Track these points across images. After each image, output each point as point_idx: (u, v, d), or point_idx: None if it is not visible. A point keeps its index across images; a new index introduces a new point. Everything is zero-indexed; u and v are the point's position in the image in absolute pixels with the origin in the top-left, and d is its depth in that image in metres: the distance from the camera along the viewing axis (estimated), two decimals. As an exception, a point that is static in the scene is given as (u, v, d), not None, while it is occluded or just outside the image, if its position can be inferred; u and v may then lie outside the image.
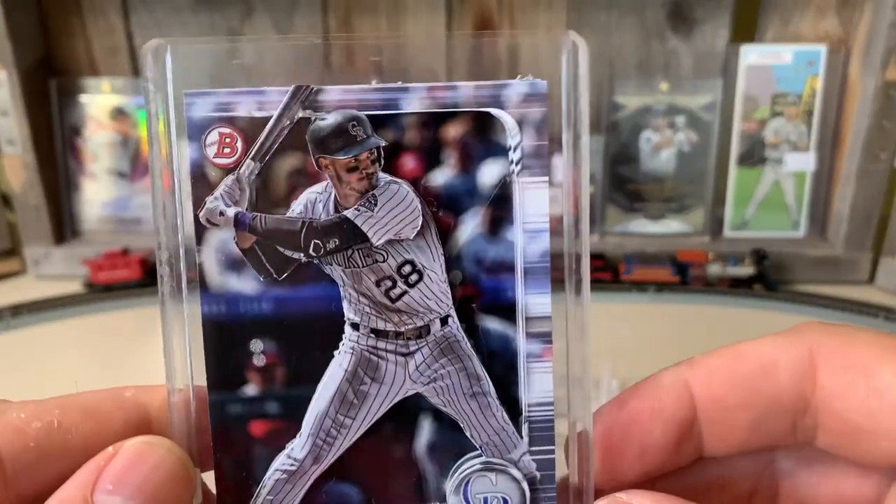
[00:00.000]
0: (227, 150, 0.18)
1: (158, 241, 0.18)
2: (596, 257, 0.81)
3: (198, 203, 0.18)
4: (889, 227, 0.80)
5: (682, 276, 0.78)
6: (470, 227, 0.18)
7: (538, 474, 0.19)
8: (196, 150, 0.18)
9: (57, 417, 0.17)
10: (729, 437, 0.19)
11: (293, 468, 0.18)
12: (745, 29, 0.81)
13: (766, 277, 0.77)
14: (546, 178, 0.18)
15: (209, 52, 0.18)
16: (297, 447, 0.18)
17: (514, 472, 0.19)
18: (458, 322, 0.19)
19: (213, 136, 0.18)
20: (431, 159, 0.18)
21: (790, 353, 0.19)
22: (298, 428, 0.18)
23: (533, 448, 0.19)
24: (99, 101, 0.83)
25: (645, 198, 0.84)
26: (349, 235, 0.18)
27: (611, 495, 0.18)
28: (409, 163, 0.18)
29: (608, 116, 0.82)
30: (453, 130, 0.18)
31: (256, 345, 0.18)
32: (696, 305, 0.75)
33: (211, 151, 0.18)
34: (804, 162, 0.82)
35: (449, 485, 0.19)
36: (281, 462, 0.18)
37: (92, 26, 0.82)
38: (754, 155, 0.83)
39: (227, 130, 0.18)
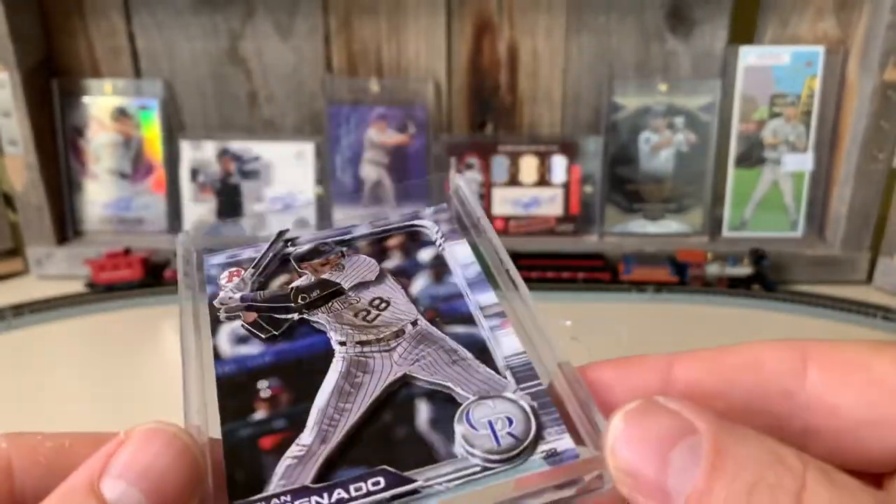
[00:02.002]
0: (234, 278, 0.24)
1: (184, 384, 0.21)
2: (595, 257, 0.81)
3: (213, 297, 0.24)
4: (887, 227, 0.80)
5: (681, 276, 0.78)
6: (421, 281, 0.24)
7: (535, 403, 0.20)
8: (213, 287, 0.24)
9: (69, 441, 0.18)
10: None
11: (302, 453, 0.19)
12: (744, 30, 0.82)
13: (765, 277, 0.78)
14: (464, 240, 0.25)
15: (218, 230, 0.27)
16: (305, 436, 0.20)
17: (510, 396, 0.20)
18: (426, 322, 0.23)
19: (225, 275, 0.25)
20: (382, 256, 0.25)
21: (778, 352, 0.19)
22: (303, 428, 0.20)
23: (521, 385, 0.20)
24: (101, 101, 0.84)
25: (644, 198, 0.84)
26: (326, 286, 0.24)
27: (646, 398, 0.17)
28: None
29: (607, 117, 0.83)
30: (393, 241, 0.26)
31: (263, 384, 0.21)
32: (694, 305, 0.75)
33: (223, 282, 0.24)
34: (802, 162, 0.83)
35: (456, 429, 0.19)
36: (290, 451, 0.19)
37: (94, 27, 0.83)
38: (753, 155, 0.83)
39: (234, 269, 0.25)
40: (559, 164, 0.84)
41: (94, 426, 0.54)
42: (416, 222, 0.26)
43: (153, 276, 0.79)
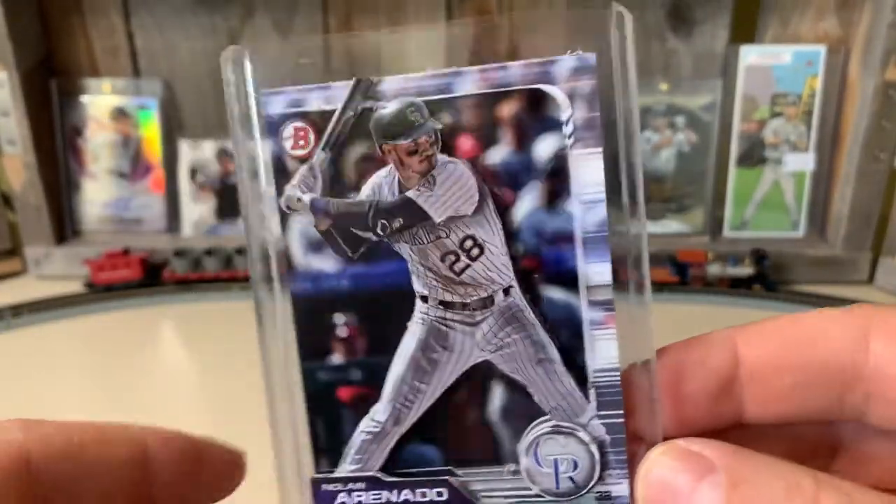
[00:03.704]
0: (301, 143, 0.19)
1: (247, 234, 0.20)
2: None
3: (279, 192, 0.19)
4: (888, 227, 0.80)
5: (682, 276, 0.78)
6: (528, 201, 0.19)
7: (607, 437, 0.19)
8: (275, 144, 0.19)
9: (77, 436, 0.18)
10: (770, 401, 0.19)
11: (377, 430, 0.20)
12: (745, 29, 0.81)
13: (766, 277, 0.77)
14: (599, 150, 0.18)
15: (279, 53, 0.20)
16: (380, 411, 0.20)
17: (583, 434, 0.19)
18: (520, 293, 0.19)
19: (289, 131, 0.19)
20: (487, 138, 0.18)
21: (842, 323, 0.18)
22: (379, 393, 0.20)
23: (601, 412, 0.19)
24: (99, 101, 0.83)
25: (644, 198, 0.84)
26: (412, 214, 0.19)
27: (670, 441, 0.18)
28: (466, 143, 0.19)
29: (608, 116, 0.82)
30: (507, 109, 0.18)
31: (339, 318, 0.20)
32: (695, 305, 0.75)
33: (287, 144, 0.19)
34: (804, 162, 0.83)
35: (520, 447, 0.20)
36: (366, 425, 0.20)
37: (92, 27, 0.82)
38: (754, 155, 0.83)
39: (300, 124, 0.19)
40: (559, 163, 0.83)
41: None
42: (542, 87, 0.18)
43: (152, 277, 0.78)
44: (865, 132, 0.77)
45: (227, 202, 0.85)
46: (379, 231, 0.19)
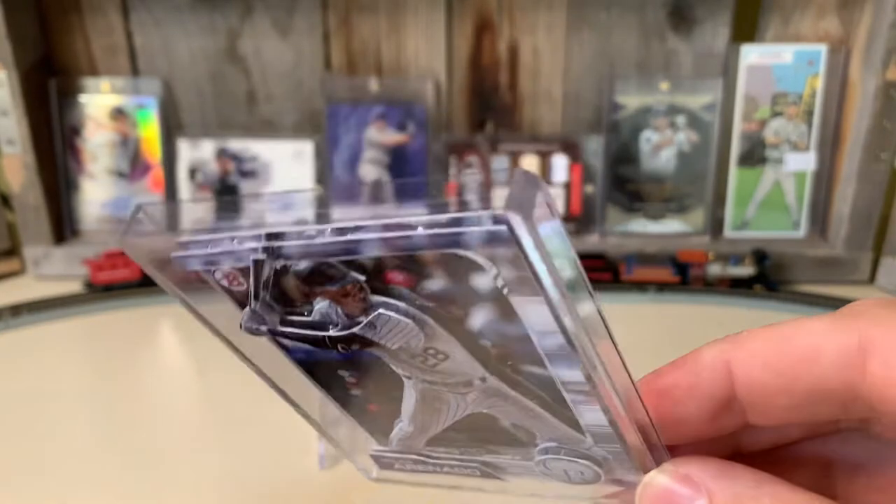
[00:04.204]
0: (237, 282, 0.19)
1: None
2: (596, 257, 0.81)
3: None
4: (890, 227, 0.80)
5: (683, 276, 0.77)
6: (480, 316, 0.17)
7: (610, 456, 0.20)
8: (216, 283, 0.19)
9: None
10: (771, 416, 0.19)
11: (407, 434, 0.23)
12: (746, 29, 0.81)
13: (767, 277, 0.77)
14: (540, 297, 0.15)
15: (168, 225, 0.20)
16: (405, 424, 0.22)
17: (585, 460, 0.21)
18: (497, 380, 0.19)
19: (220, 275, 0.19)
20: (419, 274, 0.17)
21: (836, 340, 0.18)
22: (399, 411, 0.22)
23: (599, 444, 0.20)
24: (98, 100, 0.83)
25: (645, 198, 0.84)
26: (365, 343, 0.19)
27: (662, 467, 0.19)
28: (397, 277, 0.17)
29: (608, 116, 0.82)
30: (428, 257, 0.16)
31: (343, 373, 0.21)
32: (696, 305, 0.75)
33: (226, 283, 0.19)
34: (805, 162, 0.82)
35: (533, 456, 0.22)
36: (398, 429, 0.23)
37: (91, 26, 0.82)
38: (755, 155, 0.83)
39: (227, 270, 0.18)
40: (560, 163, 0.83)
41: (93, 427, 0.53)
42: (458, 251, 0.15)
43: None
44: (867, 132, 0.77)
45: (227, 202, 0.85)
46: (341, 350, 0.19)
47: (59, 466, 0.50)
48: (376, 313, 0.17)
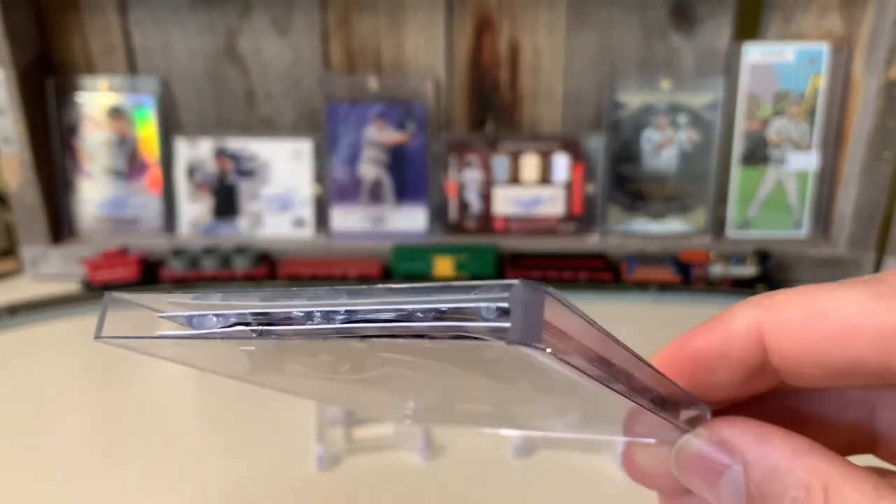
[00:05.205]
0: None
1: None
2: (597, 257, 0.80)
3: None
4: (892, 227, 0.79)
5: (685, 276, 0.77)
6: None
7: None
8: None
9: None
10: (806, 382, 0.19)
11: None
12: (748, 27, 0.81)
13: (769, 277, 0.77)
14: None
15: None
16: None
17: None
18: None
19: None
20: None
21: (875, 319, 0.17)
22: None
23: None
24: (96, 99, 0.83)
25: (647, 197, 0.83)
26: None
27: (694, 431, 0.19)
28: None
29: (609, 115, 0.82)
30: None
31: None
32: (698, 306, 0.74)
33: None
34: (807, 161, 0.82)
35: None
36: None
37: (89, 24, 0.82)
38: (757, 154, 0.82)
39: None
40: (561, 162, 0.83)
41: (91, 427, 0.53)
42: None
43: (149, 276, 0.78)
44: (869, 131, 0.76)
45: (224, 201, 0.84)
46: None
47: (56, 466, 0.50)
48: None
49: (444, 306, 0.13)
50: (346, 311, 0.14)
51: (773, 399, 0.21)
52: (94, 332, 0.18)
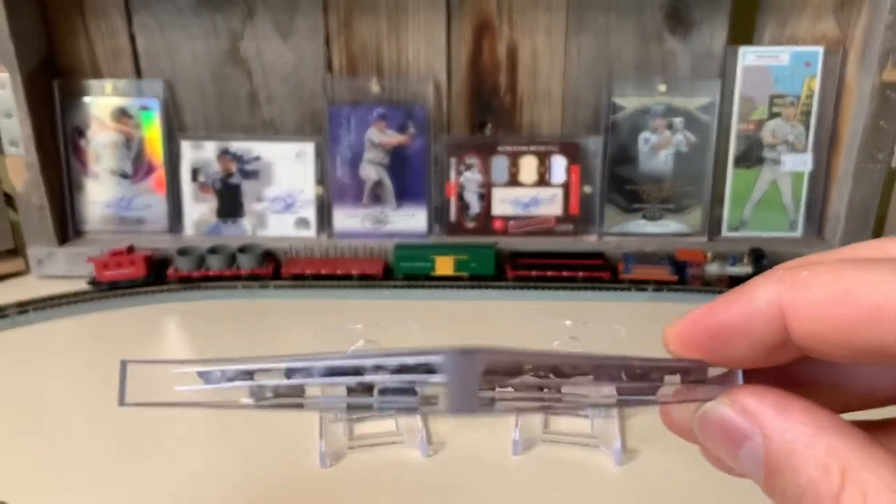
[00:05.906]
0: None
1: None
2: (595, 256, 0.82)
3: None
4: (886, 227, 0.80)
5: (681, 275, 0.78)
6: None
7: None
8: None
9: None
10: (831, 358, 0.18)
11: None
12: (743, 31, 0.82)
13: (764, 277, 0.78)
14: None
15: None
16: None
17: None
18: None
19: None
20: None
21: None
22: None
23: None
24: (101, 102, 0.84)
25: (643, 198, 0.85)
26: None
27: (717, 399, 0.19)
28: None
29: (607, 117, 0.83)
30: None
31: None
32: (694, 304, 0.75)
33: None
34: (802, 162, 0.83)
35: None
36: None
37: (94, 28, 0.83)
38: (752, 155, 0.83)
39: None
40: (559, 164, 0.84)
41: (99, 425, 0.54)
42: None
43: (156, 275, 0.79)
44: (863, 132, 0.77)
45: (228, 202, 0.85)
46: None
47: (63, 463, 0.51)
48: None
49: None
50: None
51: (807, 361, 0.20)
52: (118, 399, 0.20)
